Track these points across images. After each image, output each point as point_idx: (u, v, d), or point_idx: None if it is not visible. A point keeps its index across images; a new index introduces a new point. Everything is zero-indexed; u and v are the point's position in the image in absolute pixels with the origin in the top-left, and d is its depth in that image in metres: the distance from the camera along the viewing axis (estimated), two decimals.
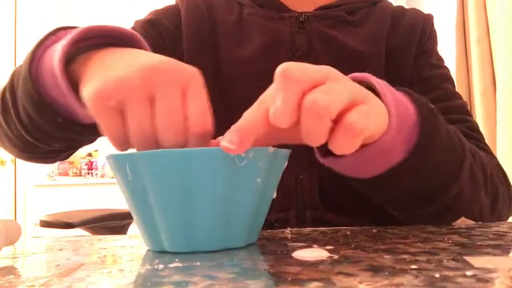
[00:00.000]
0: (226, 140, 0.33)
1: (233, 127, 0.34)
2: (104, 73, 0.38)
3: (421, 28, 0.69)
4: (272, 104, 0.33)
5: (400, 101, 0.41)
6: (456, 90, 0.69)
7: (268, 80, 0.36)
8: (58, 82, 0.42)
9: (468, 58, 2.24)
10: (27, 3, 3.61)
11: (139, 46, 0.46)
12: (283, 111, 0.33)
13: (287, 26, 0.66)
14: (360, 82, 0.40)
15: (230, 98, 0.63)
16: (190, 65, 0.39)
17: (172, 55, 0.67)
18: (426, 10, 0.75)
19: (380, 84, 0.41)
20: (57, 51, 0.42)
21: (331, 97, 0.33)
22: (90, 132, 0.47)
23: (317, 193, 0.61)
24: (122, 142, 0.38)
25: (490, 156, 0.60)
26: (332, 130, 0.34)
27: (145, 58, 0.38)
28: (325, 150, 0.42)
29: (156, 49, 0.66)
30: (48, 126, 0.46)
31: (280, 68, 0.34)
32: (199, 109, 0.37)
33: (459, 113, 0.64)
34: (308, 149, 0.62)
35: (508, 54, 1.95)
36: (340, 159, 0.41)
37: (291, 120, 0.33)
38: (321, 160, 0.44)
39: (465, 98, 2.20)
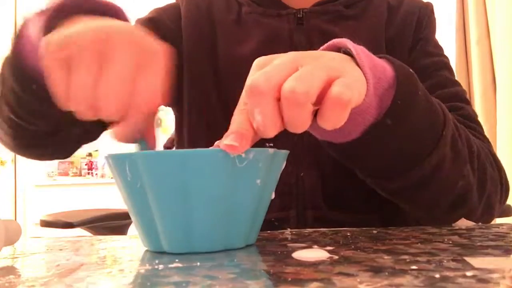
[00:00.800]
0: (228, 140, 0.33)
1: (229, 131, 0.34)
2: (67, 29, 0.38)
3: (417, 17, 0.68)
4: (252, 118, 0.34)
5: (377, 64, 0.41)
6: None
7: None
8: (35, 47, 0.42)
9: (468, 58, 2.24)
10: (27, 3, 3.60)
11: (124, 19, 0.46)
12: (265, 125, 0.33)
13: (285, 23, 0.66)
14: (338, 49, 0.41)
15: (229, 97, 0.64)
16: (160, 44, 0.39)
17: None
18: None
19: (356, 49, 0.40)
20: (40, 20, 0.43)
21: (307, 81, 0.33)
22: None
23: (319, 191, 0.61)
24: (64, 99, 0.37)
25: (482, 142, 0.58)
26: (319, 109, 0.34)
27: (113, 23, 0.38)
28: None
29: None
30: (26, 96, 0.47)
31: (247, 84, 0.34)
32: (149, 87, 0.37)
33: (455, 100, 0.63)
34: (309, 147, 0.62)
35: (508, 54, 1.95)
36: (316, 126, 0.40)
37: (275, 130, 0.34)
38: None
39: None
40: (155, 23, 0.67)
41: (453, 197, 0.49)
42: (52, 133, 0.54)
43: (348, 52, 0.40)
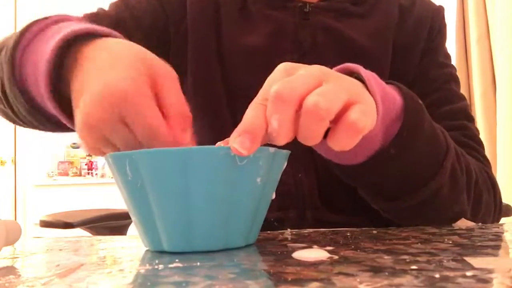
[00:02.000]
0: (238, 143, 0.33)
1: (242, 128, 0.34)
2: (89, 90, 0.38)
3: (430, 23, 0.67)
4: (269, 122, 0.34)
5: (387, 92, 0.42)
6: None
7: (272, 68, 0.37)
8: (39, 83, 0.44)
9: (468, 58, 2.24)
10: (27, 3, 3.60)
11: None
12: (279, 132, 0.34)
13: (291, 17, 0.65)
14: (350, 73, 0.41)
15: (232, 84, 0.63)
16: (164, 66, 0.40)
17: (176, 32, 0.66)
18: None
19: (368, 76, 0.41)
20: (44, 52, 0.43)
21: (330, 98, 0.33)
22: (53, 124, 0.50)
23: (316, 192, 0.61)
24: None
25: (482, 164, 0.60)
26: (332, 129, 0.35)
27: (115, 75, 0.38)
28: None
29: (155, 20, 0.65)
30: (16, 107, 0.50)
31: (273, 90, 0.34)
32: (174, 101, 0.38)
33: (459, 118, 0.64)
34: (306, 149, 0.62)
35: (508, 54, 1.95)
36: (324, 143, 0.42)
37: (287, 139, 0.34)
38: None
39: None
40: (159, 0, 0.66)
41: (446, 220, 0.50)
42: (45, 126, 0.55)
43: (359, 78, 0.41)
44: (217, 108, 0.64)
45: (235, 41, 0.65)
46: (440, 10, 0.70)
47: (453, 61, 0.71)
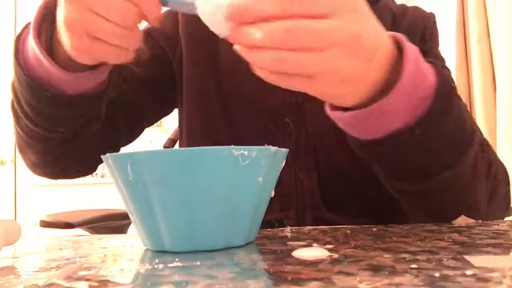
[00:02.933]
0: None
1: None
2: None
3: (421, 29, 0.68)
4: None
5: (419, 70, 0.41)
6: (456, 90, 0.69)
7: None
8: (37, 56, 0.47)
9: (468, 58, 2.24)
10: (27, 3, 3.60)
11: None
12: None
13: None
14: (396, 42, 0.41)
15: (226, 93, 0.64)
16: None
17: (172, 58, 0.68)
18: (426, 10, 0.75)
19: (408, 49, 0.40)
20: (30, 32, 0.48)
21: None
22: (78, 104, 0.51)
23: (317, 192, 0.61)
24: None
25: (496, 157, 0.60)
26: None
27: None
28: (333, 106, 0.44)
29: (155, 57, 0.68)
30: (40, 105, 0.51)
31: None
32: None
33: None
34: (308, 149, 0.62)
35: (508, 54, 1.95)
36: (343, 114, 0.42)
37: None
38: (328, 112, 0.44)
39: (465, 98, 2.21)
40: (151, 34, 0.69)
41: (461, 210, 0.50)
42: (72, 138, 0.56)
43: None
44: (212, 120, 0.65)
45: (231, 50, 0.65)
46: (431, 17, 0.71)
47: (453, 61, 0.71)
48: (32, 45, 0.48)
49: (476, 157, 0.48)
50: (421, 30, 0.68)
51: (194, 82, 0.67)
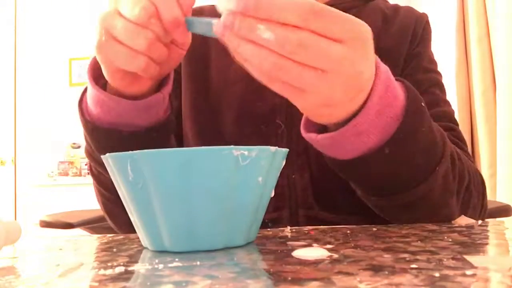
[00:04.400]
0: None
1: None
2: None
3: (413, 28, 0.68)
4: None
5: (390, 91, 0.42)
6: (456, 90, 0.69)
7: (260, 82, 0.37)
8: (101, 99, 0.49)
9: (468, 58, 2.24)
10: (27, 3, 3.61)
11: None
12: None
13: None
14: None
15: (216, 97, 0.65)
16: None
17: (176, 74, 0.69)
18: (425, 10, 0.74)
19: (379, 71, 0.41)
20: (89, 86, 0.51)
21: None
22: (152, 136, 0.53)
23: (310, 192, 0.61)
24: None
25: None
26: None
27: None
28: (309, 127, 0.46)
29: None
30: (120, 149, 0.52)
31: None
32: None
33: (447, 120, 0.64)
34: (300, 150, 0.62)
35: (508, 54, 1.95)
36: (318, 137, 0.44)
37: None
38: (304, 134, 0.46)
39: (465, 98, 2.21)
40: None
41: (434, 221, 0.50)
42: None
43: None
44: (204, 125, 0.66)
45: (222, 60, 0.67)
46: (423, 17, 0.71)
47: (453, 61, 0.72)
48: (93, 94, 0.50)
49: (447, 172, 0.49)
50: (412, 31, 0.68)
51: (186, 91, 0.68)
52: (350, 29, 0.35)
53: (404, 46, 0.67)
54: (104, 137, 0.53)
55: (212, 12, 0.72)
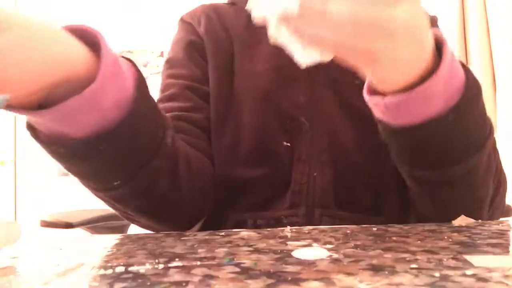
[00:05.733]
0: None
1: None
2: None
3: None
4: None
5: (454, 64, 0.44)
6: None
7: (284, 75, 0.37)
8: (32, 120, 0.42)
9: (468, 58, 2.24)
10: (27, 2, 3.61)
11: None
12: None
13: None
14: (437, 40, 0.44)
15: (239, 92, 0.65)
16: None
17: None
18: (427, 10, 0.74)
19: (446, 44, 0.44)
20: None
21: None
22: (96, 146, 0.43)
23: (331, 190, 0.61)
24: None
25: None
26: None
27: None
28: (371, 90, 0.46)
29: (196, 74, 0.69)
30: (66, 164, 0.47)
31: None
32: None
33: None
34: (324, 147, 0.62)
35: (508, 54, 1.94)
36: (386, 98, 0.44)
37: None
38: (368, 98, 0.46)
39: None
40: (194, 46, 0.70)
41: (472, 204, 0.52)
42: (149, 187, 0.50)
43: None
44: (224, 121, 0.65)
45: (246, 58, 0.67)
46: (434, 20, 0.71)
47: None
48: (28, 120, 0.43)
49: (490, 151, 0.50)
50: None
51: (213, 84, 0.67)
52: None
53: None
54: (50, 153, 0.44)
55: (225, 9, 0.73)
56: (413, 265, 0.28)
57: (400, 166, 0.52)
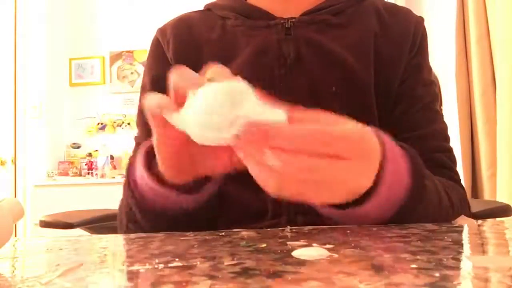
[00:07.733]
0: None
1: None
2: None
3: (412, 37, 0.68)
4: None
5: (396, 174, 0.45)
6: (456, 90, 0.70)
7: (259, 87, 0.37)
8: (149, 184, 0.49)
9: (468, 58, 2.24)
10: (27, 2, 3.61)
11: None
12: None
13: (274, 34, 0.66)
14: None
15: None
16: None
17: None
18: (426, 10, 0.74)
19: (388, 153, 0.44)
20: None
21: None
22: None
23: None
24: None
25: (459, 188, 0.64)
26: None
27: None
28: None
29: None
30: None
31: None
32: None
33: (442, 139, 0.66)
34: None
35: (508, 54, 1.95)
36: (336, 212, 0.45)
37: None
38: (320, 210, 0.48)
39: (465, 98, 2.21)
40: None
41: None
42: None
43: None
44: None
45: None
46: (420, 23, 0.70)
47: (453, 61, 0.72)
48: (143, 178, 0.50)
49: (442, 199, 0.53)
50: (411, 39, 0.68)
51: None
52: (357, 148, 0.39)
53: (404, 55, 0.67)
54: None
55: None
56: (413, 265, 0.28)
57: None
